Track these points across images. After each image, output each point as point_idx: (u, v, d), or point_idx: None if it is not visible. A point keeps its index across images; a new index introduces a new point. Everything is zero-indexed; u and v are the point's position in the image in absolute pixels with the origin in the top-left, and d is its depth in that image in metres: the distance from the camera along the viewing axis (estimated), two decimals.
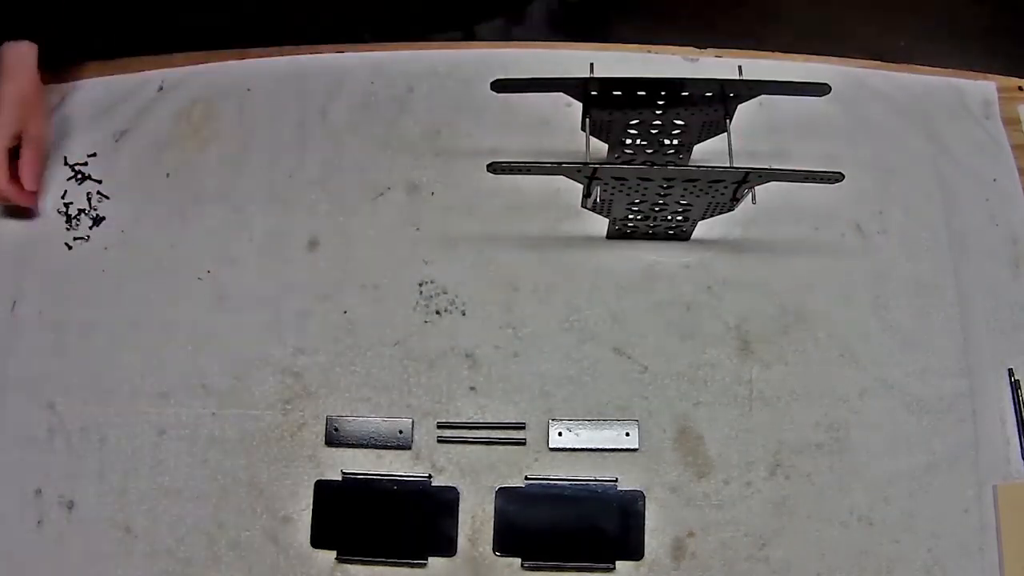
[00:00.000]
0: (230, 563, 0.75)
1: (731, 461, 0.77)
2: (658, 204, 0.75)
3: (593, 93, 0.70)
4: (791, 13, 1.69)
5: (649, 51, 0.94)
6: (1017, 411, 0.79)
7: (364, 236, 0.86)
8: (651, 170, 0.67)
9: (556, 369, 0.80)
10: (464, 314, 0.83)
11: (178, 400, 0.80)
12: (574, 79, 0.70)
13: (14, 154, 0.83)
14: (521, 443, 0.78)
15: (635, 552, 0.74)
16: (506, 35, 1.09)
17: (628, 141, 0.77)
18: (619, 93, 0.70)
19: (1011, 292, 0.83)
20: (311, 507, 0.76)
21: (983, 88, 0.92)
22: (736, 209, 0.75)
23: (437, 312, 0.83)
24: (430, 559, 0.75)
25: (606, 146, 0.79)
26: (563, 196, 0.87)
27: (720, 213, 0.77)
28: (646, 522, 0.75)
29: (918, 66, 0.94)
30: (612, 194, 0.73)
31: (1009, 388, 0.80)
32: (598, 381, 0.80)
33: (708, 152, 0.79)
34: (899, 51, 1.65)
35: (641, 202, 0.74)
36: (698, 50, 0.94)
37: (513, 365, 0.81)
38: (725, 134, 0.73)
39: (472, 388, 0.80)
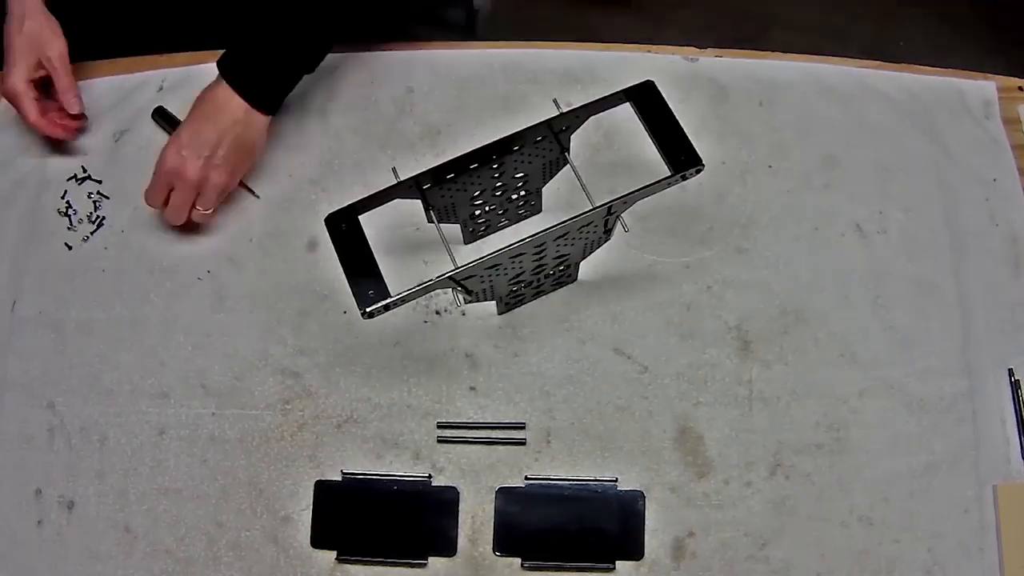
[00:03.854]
0: (230, 563, 0.75)
1: (731, 461, 0.77)
2: (537, 268, 0.74)
3: (427, 187, 0.68)
4: (791, 13, 1.69)
5: (649, 51, 0.94)
6: (1017, 411, 0.79)
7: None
8: (523, 244, 0.65)
9: (556, 369, 0.80)
10: (464, 314, 0.83)
11: (178, 400, 0.80)
12: (405, 182, 0.68)
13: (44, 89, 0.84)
14: (521, 443, 0.78)
15: (635, 552, 0.74)
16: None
17: (477, 212, 0.77)
18: (452, 174, 0.68)
19: (1011, 292, 0.83)
20: (311, 507, 0.76)
21: (983, 88, 0.92)
22: (612, 237, 0.75)
23: (437, 312, 0.83)
24: (430, 559, 0.75)
25: (458, 226, 0.79)
26: (563, 195, 0.87)
27: (599, 247, 0.77)
28: (646, 522, 0.75)
29: (918, 66, 0.94)
30: (491, 280, 0.71)
31: (1009, 388, 0.80)
32: (598, 381, 0.80)
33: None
34: (899, 51, 1.65)
35: (520, 273, 0.73)
36: (698, 50, 0.94)
37: (513, 365, 0.81)
38: (570, 168, 0.72)
39: (472, 388, 0.80)
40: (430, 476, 0.77)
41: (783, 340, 0.81)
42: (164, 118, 0.89)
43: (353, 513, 0.76)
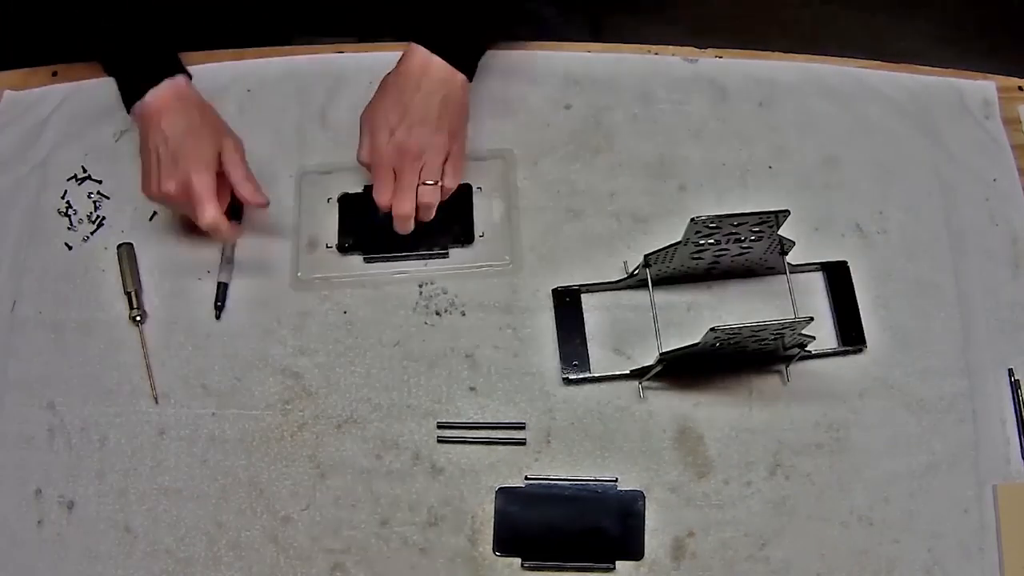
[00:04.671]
0: (230, 563, 0.75)
1: (731, 461, 0.77)
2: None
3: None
4: (791, 13, 1.69)
5: (650, 51, 0.94)
6: (1017, 411, 0.79)
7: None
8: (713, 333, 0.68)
9: (556, 369, 0.80)
10: (464, 314, 0.83)
11: (178, 400, 0.80)
12: (636, 278, 0.81)
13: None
14: (521, 443, 0.78)
15: (635, 552, 0.74)
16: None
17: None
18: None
19: (1011, 292, 0.83)
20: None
21: (983, 88, 0.92)
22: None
23: (437, 313, 0.83)
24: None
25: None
26: (563, 197, 0.87)
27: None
28: (646, 522, 0.75)
29: (918, 66, 0.94)
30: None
31: (1009, 388, 0.80)
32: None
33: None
34: (899, 51, 1.65)
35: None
36: (698, 50, 0.94)
37: (513, 365, 0.81)
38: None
39: (472, 388, 0.80)
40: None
41: None
42: None
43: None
